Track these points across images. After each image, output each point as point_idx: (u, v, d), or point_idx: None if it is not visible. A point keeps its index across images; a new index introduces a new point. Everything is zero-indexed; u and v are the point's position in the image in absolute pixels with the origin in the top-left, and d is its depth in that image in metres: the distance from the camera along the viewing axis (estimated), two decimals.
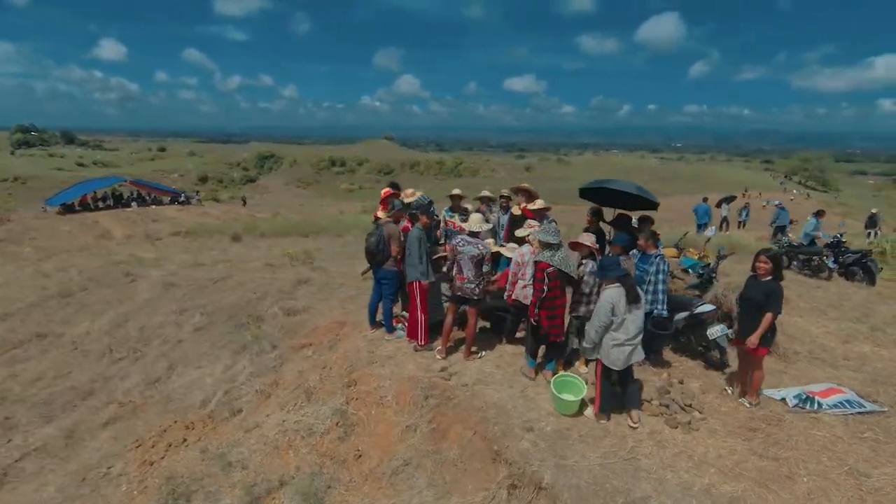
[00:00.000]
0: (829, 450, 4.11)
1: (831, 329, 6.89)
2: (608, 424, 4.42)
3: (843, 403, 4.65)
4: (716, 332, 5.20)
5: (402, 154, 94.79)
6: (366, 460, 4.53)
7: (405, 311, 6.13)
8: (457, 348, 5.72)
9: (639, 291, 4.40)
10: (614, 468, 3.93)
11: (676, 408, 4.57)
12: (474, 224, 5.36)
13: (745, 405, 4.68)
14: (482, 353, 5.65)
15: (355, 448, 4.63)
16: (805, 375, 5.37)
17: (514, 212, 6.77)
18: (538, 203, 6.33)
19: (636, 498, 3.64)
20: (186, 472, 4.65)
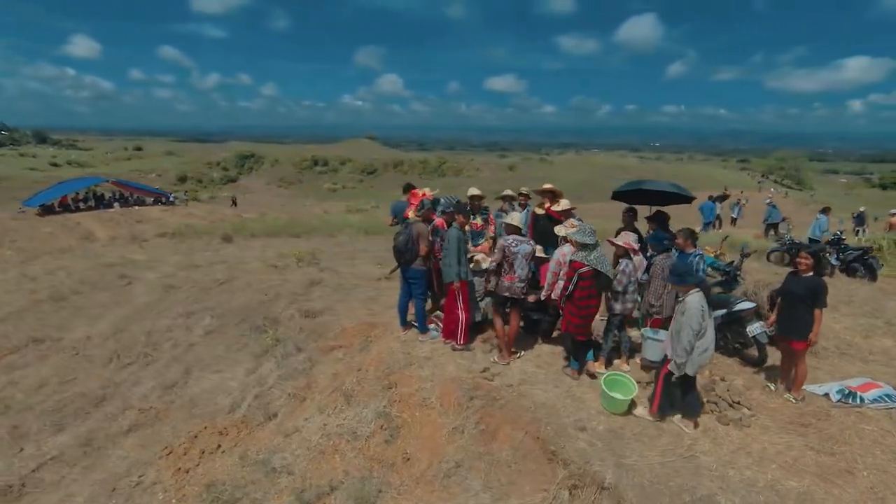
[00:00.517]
0: (881, 444, 4.14)
1: (848, 325, 7.01)
2: (661, 423, 4.41)
3: (883, 398, 4.71)
4: (755, 328, 5.23)
5: (386, 153, 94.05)
6: (415, 463, 4.42)
7: (439, 311, 6.04)
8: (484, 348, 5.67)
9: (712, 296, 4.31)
10: (675, 466, 3.91)
11: (725, 405, 4.57)
12: (515, 219, 5.41)
13: (791, 401, 4.71)
14: (521, 352, 5.61)
15: (402, 451, 4.51)
16: (839, 370, 5.44)
17: (536, 210, 6.74)
18: (563, 203, 6.31)
19: (702, 496, 3.62)
20: (227, 478, 4.48)
